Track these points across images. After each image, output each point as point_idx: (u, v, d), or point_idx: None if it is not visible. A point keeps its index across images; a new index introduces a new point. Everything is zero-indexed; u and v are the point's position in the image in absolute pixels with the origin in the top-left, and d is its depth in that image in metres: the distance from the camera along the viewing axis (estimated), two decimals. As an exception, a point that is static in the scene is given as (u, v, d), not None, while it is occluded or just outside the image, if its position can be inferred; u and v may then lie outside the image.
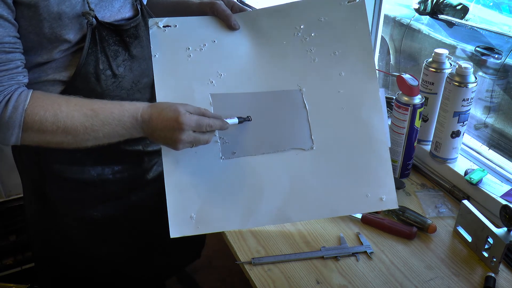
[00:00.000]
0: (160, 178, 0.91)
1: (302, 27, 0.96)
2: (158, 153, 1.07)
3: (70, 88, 0.86)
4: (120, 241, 1.09)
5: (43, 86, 0.87)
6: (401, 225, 1.07)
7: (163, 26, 0.95)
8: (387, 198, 0.92)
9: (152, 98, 0.96)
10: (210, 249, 1.80)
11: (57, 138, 0.80)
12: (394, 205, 0.92)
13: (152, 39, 0.94)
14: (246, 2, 2.04)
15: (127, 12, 0.92)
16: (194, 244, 1.38)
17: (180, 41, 0.95)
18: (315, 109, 0.95)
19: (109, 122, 0.81)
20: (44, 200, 1.01)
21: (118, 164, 1.00)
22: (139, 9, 0.94)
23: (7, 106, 0.77)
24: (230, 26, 0.95)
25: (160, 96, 0.92)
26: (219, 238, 1.09)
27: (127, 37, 0.91)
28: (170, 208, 0.90)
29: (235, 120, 0.90)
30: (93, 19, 0.83)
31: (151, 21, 0.94)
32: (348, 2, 0.95)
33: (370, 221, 1.09)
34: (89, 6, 0.82)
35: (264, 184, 0.94)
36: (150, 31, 0.94)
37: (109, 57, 0.88)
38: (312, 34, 0.96)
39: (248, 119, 0.93)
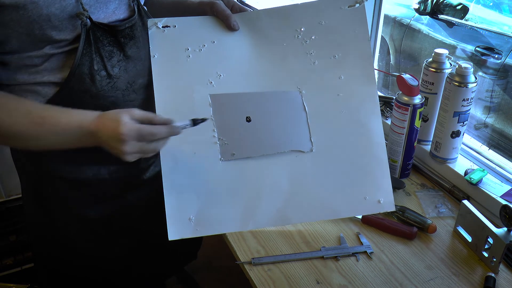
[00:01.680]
0: (156, 178, 0.91)
1: (302, 29, 0.96)
2: (154, 154, 1.07)
3: (65, 89, 0.86)
4: (117, 240, 1.09)
5: (38, 87, 0.87)
6: (401, 225, 1.07)
7: (162, 27, 0.95)
8: (385, 201, 0.93)
9: (147, 98, 0.96)
10: (210, 249, 1.80)
11: (9, 142, 0.82)
12: (391, 208, 0.94)
13: (151, 40, 0.94)
14: (247, 2, 2.04)
15: (122, 14, 0.92)
16: (191, 244, 1.38)
17: (179, 42, 0.95)
18: (315, 111, 0.95)
19: (56, 131, 0.80)
20: (41, 200, 1.01)
21: (114, 164, 1.00)
22: (135, 9, 0.93)
23: None
24: (229, 27, 0.95)
25: (159, 97, 0.92)
26: (219, 238, 1.09)
27: (122, 37, 0.90)
28: (168, 210, 0.90)
29: (187, 122, 0.82)
30: (87, 19, 0.83)
31: (150, 22, 0.94)
32: (348, 7, 0.95)
33: (371, 221, 1.09)
34: (83, 7, 0.82)
35: (263, 185, 0.94)
36: (149, 32, 0.94)
37: (103, 57, 0.88)
38: (313, 37, 0.96)
39: (202, 120, 0.84)
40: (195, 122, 0.83)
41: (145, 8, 1.00)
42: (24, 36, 0.80)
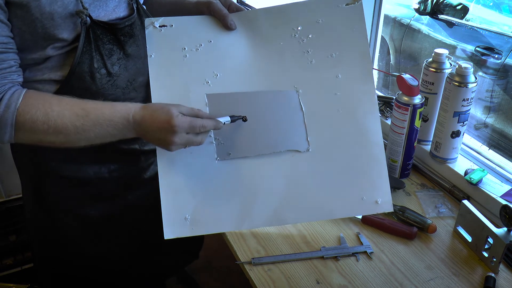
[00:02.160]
0: (157, 177, 0.91)
1: (299, 28, 0.96)
2: (155, 152, 1.06)
3: (65, 87, 0.86)
4: (118, 240, 1.09)
5: (39, 85, 0.87)
6: (401, 225, 1.07)
7: (159, 26, 0.94)
8: (383, 201, 0.93)
9: (147, 97, 0.96)
10: (210, 249, 1.80)
11: (49, 137, 0.80)
12: (389, 208, 0.93)
13: (148, 39, 0.94)
14: (245, 1, 2.04)
15: (122, 12, 0.92)
16: (192, 244, 1.38)
17: (176, 41, 0.95)
18: (312, 111, 0.95)
19: (100, 122, 0.80)
20: (42, 199, 1.01)
21: (114, 163, 1.00)
22: (135, 8, 0.94)
23: (0, 104, 0.77)
24: (226, 26, 0.95)
25: (155, 96, 0.92)
26: (219, 238, 1.09)
27: (122, 35, 0.90)
28: (164, 209, 0.90)
29: (227, 119, 0.89)
30: (87, 18, 0.83)
31: (147, 21, 0.94)
32: (346, 5, 0.95)
33: (371, 222, 1.09)
34: (82, 5, 0.82)
35: (259, 185, 0.94)
36: (146, 31, 0.94)
37: (103, 55, 0.88)
38: (310, 36, 0.96)
39: (242, 118, 0.92)
40: (232, 118, 0.90)
41: (144, 7, 1.00)
42: (27, 35, 0.80)
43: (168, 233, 0.90)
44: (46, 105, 0.79)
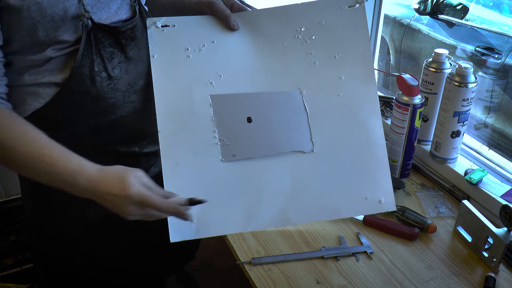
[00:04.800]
0: (157, 179, 0.91)
1: (303, 29, 0.96)
2: (155, 154, 1.06)
3: (65, 90, 0.86)
4: (117, 240, 1.09)
5: (39, 88, 0.87)
6: (403, 226, 1.07)
7: (162, 26, 0.94)
8: (386, 200, 0.93)
9: (147, 100, 0.95)
10: (210, 249, 1.80)
11: (3, 162, 0.80)
12: (392, 207, 0.93)
13: (150, 39, 0.93)
14: (247, 2, 2.04)
15: (124, 14, 0.91)
16: (189, 245, 1.38)
17: (179, 42, 0.95)
18: (315, 112, 0.95)
19: (49, 172, 0.78)
20: (40, 199, 1.01)
21: (113, 164, 1.00)
22: (137, 10, 0.93)
23: None
24: (229, 27, 0.94)
25: (158, 98, 0.92)
26: (219, 239, 1.09)
27: (123, 39, 0.90)
28: None
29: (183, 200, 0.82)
30: (88, 20, 0.83)
31: (149, 21, 0.94)
32: (348, 7, 0.95)
33: (372, 223, 1.09)
34: (84, 8, 0.81)
35: (264, 186, 0.94)
36: (148, 31, 0.94)
37: (104, 59, 0.88)
38: (313, 37, 0.96)
39: (200, 202, 0.83)
40: (191, 201, 0.82)
41: (146, 8, 0.99)
42: (27, 38, 0.80)
43: (174, 237, 0.89)
44: (7, 133, 0.78)
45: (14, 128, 0.79)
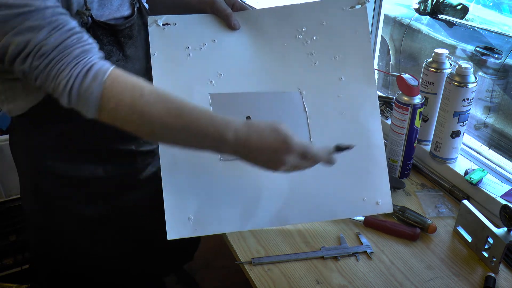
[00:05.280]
0: (153, 178, 0.91)
1: (304, 30, 0.96)
2: (151, 153, 1.06)
3: None
4: (115, 239, 1.09)
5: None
6: (404, 227, 1.07)
7: (163, 24, 0.94)
8: (383, 202, 0.94)
9: None
10: (210, 249, 1.80)
11: (131, 124, 0.75)
12: (389, 209, 0.94)
13: (151, 37, 0.93)
14: (247, 2, 2.04)
15: (125, 10, 0.92)
16: (188, 244, 1.38)
17: (180, 40, 0.95)
18: (315, 112, 0.95)
19: (191, 128, 0.74)
20: (38, 197, 1.01)
21: (110, 163, 1.00)
22: (136, 8, 0.93)
23: (87, 75, 0.71)
24: (230, 26, 0.94)
25: None
26: (219, 238, 1.09)
27: (122, 37, 0.90)
28: (167, 210, 0.90)
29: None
30: (88, 18, 0.83)
31: (150, 19, 0.94)
32: (350, 8, 0.95)
33: (373, 224, 1.09)
34: (86, 6, 0.82)
35: (262, 186, 0.94)
36: (149, 29, 0.94)
37: None
38: (314, 38, 0.96)
39: (348, 147, 0.83)
40: (338, 148, 0.83)
41: (146, 6, 0.99)
42: None
43: (172, 234, 0.90)
44: (136, 88, 0.73)
45: (139, 86, 0.74)
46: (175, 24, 0.95)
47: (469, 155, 1.27)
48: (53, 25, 0.71)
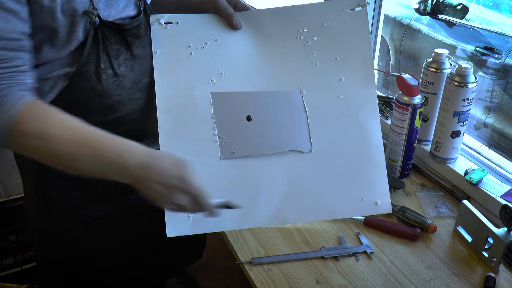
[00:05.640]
0: None
1: (305, 30, 0.96)
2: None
3: (71, 86, 0.86)
4: (120, 240, 1.09)
5: (45, 83, 0.87)
6: (404, 227, 1.07)
7: (165, 23, 0.95)
8: (382, 202, 0.94)
9: (151, 97, 0.96)
10: (210, 249, 1.79)
11: (39, 155, 0.77)
12: (388, 210, 0.95)
13: (153, 36, 0.94)
14: (247, 2, 2.04)
15: (131, 10, 0.92)
16: (195, 244, 1.38)
17: (182, 39, 0.95)
18: (315, 112, 0.96)
19: (96, 156, 0.75)
20: (44, 199, 1.01)
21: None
22: (142, 8, 0.94)
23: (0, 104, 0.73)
24: (232, 26, 0.95)
25: (159, 94, 0.93)
26: (219, 238, 1.09)
27: (129, 36, 0.91)
28: None
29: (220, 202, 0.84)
30: (96, 18, 0.83)
31: (152, 18, 0.94)
32: (350, 9, 0.95)
33: (373, 224, 1.09)
34: (93, 5, 0.82)
35: (262, 185, 0.94)
36: (152, 28, 0.94)
37: (110, 56, 0.88)
38: (315, 38, 0.96)
39: (236, 206, 0.86)
40: (226, 206, 0.85)
41: (150, 7, 1.00)
42: (45, 33, 0.80)
43: (170, 231, 0.90)
44: (46, 121, 0.74)
45: (52, 116, 0.76)
46: (177, 23, 0.95)
47: (469, 155, 1.27)
48: None
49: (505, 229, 0.96)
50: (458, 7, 2.37)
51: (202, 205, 0.79)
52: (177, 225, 0.90)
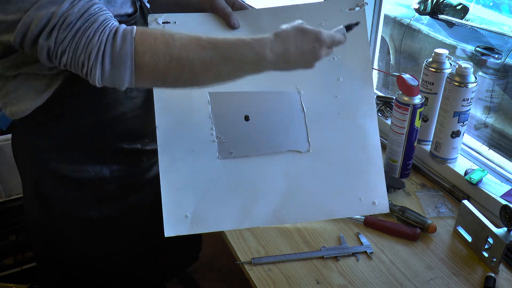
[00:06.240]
0: (159, 178, 0.91)
1: None
2: (156, 152, 1.06)
3: (68, 84, 0.86)
4: (119, 241, 1.09)
5: (41, 81, 0.86)
6: (404, 227, 1.07)
7: (162, 23, 0.95)
8: (379, 202, 0.95)
9: (149, 96, 0.96)
10: (210, 249, 1.80)
11: (172, 73, 0.74)
12: (386, 210, 0.95)
13: None
14: (246, 2, 2.04)
15: (128, 8, 0.92)
16: (193, 245, 1.38)
17: None
18: (313, 112, 0.96)
19: (231, 56, 0.76)
20: (43, 200, 1.01)
21: (116, 163, 1.00)
22: (138, 6, 0.94)
23: (116, 37, 0.71)
24: (229, 25, 0.95)
25: (157, 94, 0.92)
26: (219, 238, 1.09)
27: None
28: (165, 207, 0.90)
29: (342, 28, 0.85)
30: None
31: (150, 17, 0.94)
32: (349, 10, 0.95)
33: (373, 224, 1.09)
34: None
35: (260, 185, 0.94)
36: (149, 27, 0.94)
37: None
38: None
39: (356, 24, 0.86)
40: (348, 27, 0.85)
41: (147, 5, 1.00)
42: None
43: (168, 231, 0.90)
44: (166, 35, 0.73)
45: (169, 33, 0.75)
46: (175, 22, 0.95)
47: (469, 155, 1.27)
48: None
49: (505, 229, 0.96)
50: (458, 7, 2.37)
51: (336, 43, 0.82)
52: (175, 224, 0.90)
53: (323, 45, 0.79)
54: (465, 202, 1.04)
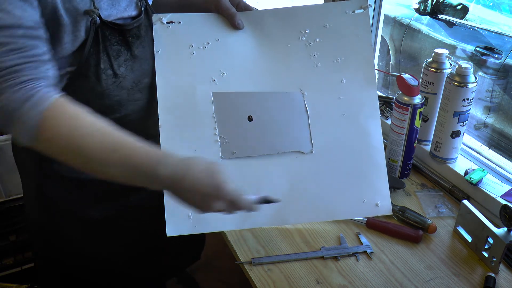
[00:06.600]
0: None
1: (307, 31, 0.96)
2: None
3: (71, 86, 0.86)
4: (119, 241, 1.09)
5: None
6: (406, 229, 1.06)
7: (167, 22, 0.95)
8: (382, 204, 0.95)
9: (152, 98, 0.96)
10: (210, 249, 1.79)
11: (67, 156, 0.75)
12: (388, 211, 0.96)
13: (155, 35, 0.94)
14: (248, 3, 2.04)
15: (132, 11, 0.92)
16: (194, 245, 1.38)
17: (184, 38, 0.95)
18: (316, 113, 0.96)
19: (126, 163, 0.73)
20: (43, 200, 1.01)
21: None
22: (142, 9, 0.94)
23: (27, 102, 0.71)
24: (234, 26, 0.95)
25: (161, 93, 0.93)
26: (219, 238, 1.09)
27: (130, 37, 0.91)
28: (167, 207, 0.90)
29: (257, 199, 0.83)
30: (97, 18, 0.83)
31: (155, 17, 0.94)
32: (353, 11, 0.95)
33: (375, 226, 1.08)
34: (94, 5, 0.82)
35: (262, 185, 0.94)
36: (154, 27, 0.94)
37: (110, 56, 0.88)
38: (317, 40, 0.96)
39: (275, 200, 0.84)
40: (265, 201, 0.83)
41: (152, 8, 1.00)
42: (51, 30, 0.80)
43: (171, 231, 0.91)
44: (75, 121, 0.73)
45: (81, 115, 0.74)
46: (180, 22, 0.95)
47: (469, 155, 1.27)
48: (17, 46, 0.71)
49: (505, 229, 0.96)
50: (458, 7, 2.37)
51: (240, 206, 0.78)
52: (177, 224, 0.91)
53: (220, 198, 0.75)
54: (465, 202, 1.04)
